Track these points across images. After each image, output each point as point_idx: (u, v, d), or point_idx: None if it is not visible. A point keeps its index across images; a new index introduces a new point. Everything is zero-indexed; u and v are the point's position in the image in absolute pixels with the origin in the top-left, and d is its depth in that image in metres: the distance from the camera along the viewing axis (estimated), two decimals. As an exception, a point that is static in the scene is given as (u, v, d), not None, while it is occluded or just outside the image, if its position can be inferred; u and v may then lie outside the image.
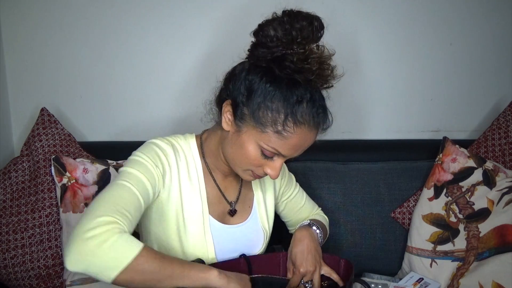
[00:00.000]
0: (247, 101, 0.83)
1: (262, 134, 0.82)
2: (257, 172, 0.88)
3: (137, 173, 0.83)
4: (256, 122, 0.82)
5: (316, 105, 0.84)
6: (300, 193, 1.17)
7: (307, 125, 0.82)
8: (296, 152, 0.86)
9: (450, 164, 1.39)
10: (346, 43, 1.53)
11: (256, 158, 0.85)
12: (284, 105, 0.81)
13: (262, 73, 0.83)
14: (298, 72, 0.81)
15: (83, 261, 0.70)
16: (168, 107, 1.53)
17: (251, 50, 0.85)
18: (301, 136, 0.83)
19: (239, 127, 0.85)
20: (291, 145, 0.83)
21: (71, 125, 1.50)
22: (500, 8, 1.53)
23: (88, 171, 1.30)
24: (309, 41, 0.80)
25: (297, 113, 0.81)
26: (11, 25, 1.44)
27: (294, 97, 0.81)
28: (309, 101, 0.82)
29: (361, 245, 1.41)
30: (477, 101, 1.61)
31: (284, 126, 0.81)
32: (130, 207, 0.78)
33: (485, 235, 1.29)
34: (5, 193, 1.29)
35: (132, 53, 1.48)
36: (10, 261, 1.23)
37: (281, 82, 0.81)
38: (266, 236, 1.04)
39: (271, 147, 0.83)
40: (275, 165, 0.87)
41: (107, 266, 0.70)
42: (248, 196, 1.03)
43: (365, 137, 1.61)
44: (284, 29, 0.79)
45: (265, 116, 0.81)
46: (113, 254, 0.71)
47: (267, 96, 0.81)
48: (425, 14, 1.52)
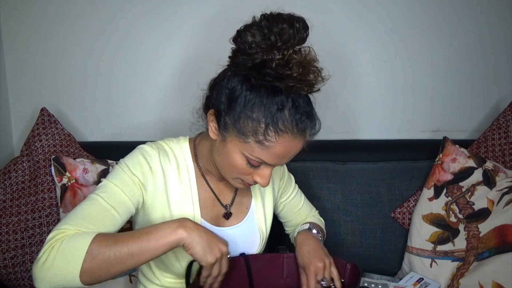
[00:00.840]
0: (229, 110, 0.81)
1: (245, 144, 0.80)
2: (246, 180, 0.87)
3: (112, 188, 0.84)
4: (238, 132, 0.80)
5: (299, 112, 0.80)
6: (298, 195, 1.17)
7: (290, 133, 0.79)
8: (282, 160, 0.84)
9: (450, 164, 1.39)
10: (346, 43, 1.53)
11: (243, 168, 0.84)
12: (265, 114, 0.78)
13: (242, 80, 0.80)
14: (279, 79, 0.77)
15: (46, 280, 0.72)
16: (168, 107, 1.53)
17: (231, 57, 0.83)
18: (285, 145, 0.80)
19: (224, 136, 0.83)
20: (275, 154, 0.81)
21: (71, 125, 1.50)
22: (500, 8, 1.53)
23: (88, 171, 1.30)
24: (291, 44, 0.76)
25: (278, 122, 0.78)
26: (11, 25, 1.44)
27: (275, 106, 0.78)
28: (291, 108, 0.79)
29: (361, 245, 1.41)
30: (477, 101, 1.61)
31: (265, 136, 0.78)
32: (93, 219, 0.79)
33: (485, 235, 1.29)
34: (5, 193, 1.29)
35: (132, 53, 1.48)
36: (10, 261, 1.23)
37: (261, 90, 0.78)
38: (263, 237, 1.02)
39: (255, 156, 0.81)
40: (263, 173, 0.85)
41: (66, 272, 0.72)
42: (245, 198, 1.02)
43: (365, 137, 1.61)
44: (262, 34, 0.75)
45: (246, 126, 0.79)
46: (64, 258, 0.72)
47: (247, 105, 0.79)
48: (425, 14, 1.52)
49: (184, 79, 1.51)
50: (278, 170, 1.10)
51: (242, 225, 0.99)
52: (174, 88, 1.52)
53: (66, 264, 0.72)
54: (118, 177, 0.86)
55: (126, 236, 0.76)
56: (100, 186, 0.85)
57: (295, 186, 1.16)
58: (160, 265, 0.94)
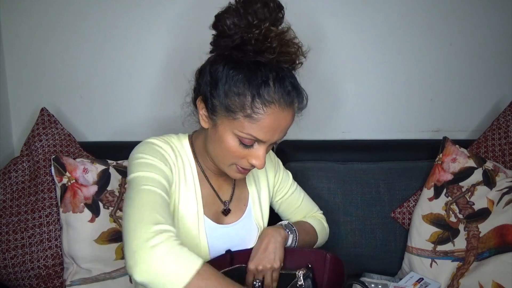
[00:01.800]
0: (215, 92, 0.82)
1: (235, 122, 0.81)
2: (241, 165, 0.87)
3: (153, 176, 0.83)
4: (226, 110, 0.81)
5: (284, 83, 0.81)
6: (297, 192, 1.16)
7: (277, 103, 0.80)
8: (274, 136, 0.83)
9: (450, 164, 1.39)
10: (346, 43, 1.53)
11: (237, 150, 0.84)
12: (250, 87, 0.79)
13: (224, 61, 0.82)
14: (259, 53, 0.80)
15: (151, 272, 0.70)
16: (168, 106, 1.53)
17: (213, 43, 0.86)
18: (273, 117, 0.80)
19: (214, 120, 0.84)
20: (265, 128, 0.81)
21: (71, 125, 1.50)
22: (500, 8, 1.53)
23: (88, 171, 1.30)
24: (268, 22, 0.79)
25: (264, 93, 0.79)
26: (11, 25, 1.44)
27: (259, 78, 0.79)
28: (275, 79, 0.80)
29: (361, 245, 1.41)
30: (477, 101, 1.62)
31: (253, 109, 0.79)
32: (166, 211, 0.79)
33: (485, 235, 1.29)
34: (5, 193, 1.29)
35: (132, 53, 1.48)
36: (10, 261, 1.23)
37: (244, 66, 0.81)
38: (260, 232, 1.03)
39: (245, 133, 0.81)
40: (258, 154, 0.85)
41: (170, 280, 0.71)
42: (242, 194, 1.03)
43: (365, 137, 1.61)
44: (239, 15, 0.79)
45: (233, 103, 0.80)
46: (176, 268, 0.71)
47: (231, 82, 0.80)
48: (425, 14, 1.52)
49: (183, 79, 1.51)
50: (272, 165, 1.10)
51: (241, 222, 1.00)
52: (174, 86, 1.52)
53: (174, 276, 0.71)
54: (153, 167, 0.84)
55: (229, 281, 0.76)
56: (130, 181, 0.83)
57: (292, 183, 1.15)
58: None
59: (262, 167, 0.86)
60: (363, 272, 1.38)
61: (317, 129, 1.61)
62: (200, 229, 0.92)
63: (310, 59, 1.03)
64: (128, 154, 0.90)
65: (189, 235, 0.91)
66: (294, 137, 1.59)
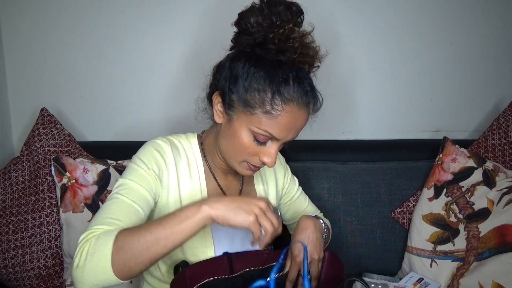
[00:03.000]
0: (234, 87, 0.84)
1: (252, 117, 0.82)
2: (252, 162, 0.87)
3: (131, 184, 0.85)
4: (244, 106, 0.82)
5: (303, 83, 0.83)
6: (303, 196, 1.18)
7: (296, 102, 0.82)
8: (288, 134, 0.84)
9: (450, 164, 1.39)
10: (346, 43, 1.53)
11: (250, 146, 0.85)
12: (271, 84, 0.81)
13: (245, 58, 0.84)
14: (281, 52, 0.83)
15: (85, 282, 0.73)
16: (169, 106, 1.53)
17: (235, 40, 0.88)
18: (291, 115, 0.82)
19: (230, 115, 0.85)
20: (282, 125, 0.82)
21: (71, 125, 1.50)
22: (500, 8, 1.53)
23: (88, 171, 1.30)
24: (289, 24, 0.82)
25: (284, 91, 0.81)
26: (11, 25, 1.44)
27: (280, 76, 0.81)
28: (295, 79, 0.82)
29: (361, 245, 1.41)
30: (477, 101, 1.61)
31: (272, 105, 0.81)
32: (120, 215, 0.80)
33: (485, 235, 1.29)
34: (5, 193, 1.29)
35: (132, 53, 1.48)
36: (10, 261, 1.23)
37: (265, 63, 0.82)
38: None
39: (262, 129, 0.82)
40: (270, 152, 0.85)
41: (99, 269, 0.72)
42: (250, 194, 1.03)
43: (365, 137, 1.61)
44: (263, 15, 0.81)
45: (253, 98, 0.82)
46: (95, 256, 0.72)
47: (252, 78, 0.82)
48: (425, 14, 1.52)
49: (185, 78, 1.51)
50: (282, 167, 1.11)
51: None
52: (174, 86, 1.52)
53: (97, 261, 0.72)
54: (134, 173, 0.87)
55: (149, 223, 0.75)
56: (118, 185, 0.86)
57: (298, 187, 1.17)
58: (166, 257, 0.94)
59: (273, 165, 0.87)
60: (363, 272, 1.38)
61: (317, 129, 1.60)
62: (205, 228, 0.92)
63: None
64: (128, 154, 0.91)
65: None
66: (294, 137, 1.59)
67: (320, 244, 0.96)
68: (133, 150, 0.93)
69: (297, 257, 0.92)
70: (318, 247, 0.95)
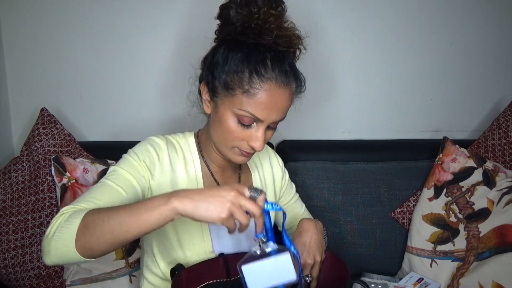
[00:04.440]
0: (216, 73, 0.86)
1: (234, 99, 0.84)
2: (242, 147, 0.88)
3: (120, 170, 0.87)
4: (226, 89, 0.84)
5: (282, 63, 0.84)
6: (299, 201, 1.18)
7: (275, 81, 0.82)
8: (271, 114, 0.84)
9: (450, 164, 1.39)
10: (346, 43, 1.53)
11: (236, 130, 0.86)
12: (248, 64, 0.83)
13: (225, 45, 0.87)
14: (259, 35, 0.84)
15: (50, 253, 0.73)
16: (169, 106, 1.53)
17: (218, 31, 0.90)
18: (270, 93, 0.82)
19: (215, 102, 0.88)
20: (262, 104, 0.82)
21: (71, 125, 1.50)
22: (500, 8, 1.53)
23: (88, 171, 1.30)
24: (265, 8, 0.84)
25: (261, 70, 0.82)
26: (11, 25, 1.44)
27: (257, 56, 0.83)
28: (273, 58, 0.83)
29: (361, 245, 1.41)
30: (477, 101, 1.62)
31: (250, 84, 0.82)
32: (102, 196, 0.81)
33: (485, 235, 1.29)
34: (5, 193, 1.29)
35: (132, 53, 1.48)
36: (10, 261, 1.23)
37: (243, 46, 0.85)
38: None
39: (243, 110, 0.83)
40: (257, 135, 0.86)
41: (64, 242, 0.72)
42: None
43: (365, 137, 1.61)
44: (241, 5, 0.84)
45: (232, 80, 0.83)
46: (63, 229, 0.73)
47: (230, 61, 0.84)
48: (425, 14, 1.52)
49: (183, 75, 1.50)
50: (279, 168, 1.12)
51: None
52: (173, 85, 1.52)
53: (63, 235, 0.72)
54: (125, 162, 0.89)
55: (119, 207, 0.73)
56: (108, 172, 0.88)
57: (295, 193, 1.18)
58: (164, 254, 0.94)
59: (261, 149, 0.87)
60: (363, 272, 1.38)
61: (317, 129, 1.61)
62: (203, 223, 0.92)
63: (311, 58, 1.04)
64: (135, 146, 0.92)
65: (193, 230, 0.92)
66: (294, 137, 1.59)
67: (322, 246, 0.97)
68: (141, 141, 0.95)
69: (300, 258, 0.92)
70: (320, 249, 0.96)
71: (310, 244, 0.94)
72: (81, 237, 0.71)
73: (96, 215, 0.72)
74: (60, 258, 0.73)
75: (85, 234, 0.71)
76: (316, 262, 0.94)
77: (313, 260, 0.94)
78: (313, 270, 0.94)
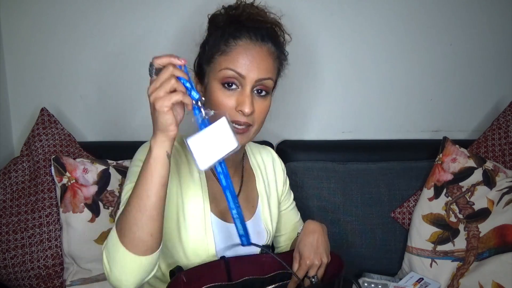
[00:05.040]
0: (201, 57, 0.91)
1: (215, 66, 0.86)
2: (235, 117, 0.86)
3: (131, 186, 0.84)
4: (207, 63, 0.88)
5: (259, 31, 0.87)
6: (295, 210, 1.17)
7: (250, 40, 0.86)
8: (251, 70, 0.85)
9: (450, 164, 1.39)
10: (346, 43, 1.53)
11: (223, 96, 0.85)
12: (223, 34, 0.87)
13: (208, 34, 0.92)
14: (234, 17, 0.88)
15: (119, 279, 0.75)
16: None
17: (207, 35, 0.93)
18: (246, 48, 0.85)
19: (204, 82, 0.90)
20: (240, 58, 0.84)
21: (71, 125, 1.50)
22: (500, 8, 1.53)
23: (88, 171, 1.30)
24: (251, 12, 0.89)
25: (236, 33, 0.86)
26: (11, 25, 1.44)
27: (232, 28, 0.87)
28: (249, 28, 0.86)
29: (361, 245, 1.41)
30: (477, 101, 1.62)
31: (226, 43, 0.86)
32: None
33: (485, 235, 1.29)
34: (5, 193, 1.29)
35: (132, 53, 1.48)
36: (10, 261, 1.23)
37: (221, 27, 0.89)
38: (270, 236, 1.03)
39: (223, 68, 0.85)
40: (243, 98, 0.85)
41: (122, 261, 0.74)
42: (251, 195, 1.03)
43: (365, 137, 1.61)
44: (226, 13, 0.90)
45: (211, 50, 0.87)
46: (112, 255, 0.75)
47: (209, 38, 0.90)
48: (425, 14, 1.52)
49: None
50: (282, 175, 1.12)
51: (250, 223, 1.00)
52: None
53: (114, 255, 0.74)
54: (133, 175, 0.87)
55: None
56: (123, 194, 0.87)
57: (293, 201, 1.17)
58: (166, 255, 0.94)
59: (250, 110, 0.85)
60: (363, 272, 1.38)
61: (317, 129, 1.61)
62: (206, 226, 0.92)
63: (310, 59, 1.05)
64: (128, 154, 0.91)
65: (196, 232, 0.92)
66: (294, 137, 1.59)
67: (329, 247, 0.97)
68: (133, 150, 0.93)
69: (307, 259, 0.92)
70: (327, 250, 0.96)
71: (318, 245, 0.94)
72: (125, 239, 0.73)
73: (119, 216, 0.76)
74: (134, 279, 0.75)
75: (124, 234, 0.73)
76: (323, 263, 0.94)
77: (320, 261, 0.93)
78: (319, 271, 0.94)
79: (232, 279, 0.92)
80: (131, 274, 0.74)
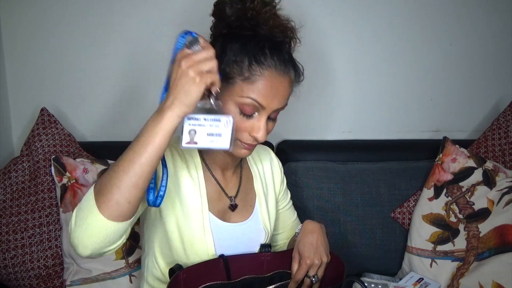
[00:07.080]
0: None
1: (234, 88, 0.83)
2: (244, 139, 0.87)
3: None
4: (226, 81, 0.84)
5: (280, 52, 0.85)
6: (292, 209, 1.18)
7: (274, 69, 0.83)
8: (273, 101, 0.84)
9: (450, 164, 1.39)
10: (346, 43, 1.53)
11: (238, 121, 0.85)
12: (247, 53, 0.83)
13: (222, 38, 0.87)
14: (254, 26, 0.84)
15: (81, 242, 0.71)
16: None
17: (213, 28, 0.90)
18: (271, 80, 0.83)
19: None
20: (263, 90, 0.82)
21: (71, 125, 1.50)
22: (500, 8, 1.53)
23: (88, 171, 1.30)
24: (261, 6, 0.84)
25: (260, 58, 0.83)
26: (11, 25, 1.44)
27: (255, 45, 0.83)
28: (271, 48, 0.84)
29: (361, 245, 1.41)
30: (477, 101, 1.62)
31: (250, 71, 0.82)
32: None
33: (485, 235, 1.29)
34: (5, 193, 1.29)
35: (132, 53, 1.48)
36: (10, 261, 1.23)
37: (240, 37, 0.85)
38: (268, 236, 1.03)
39: (245, 96, 0.83)
40: (259, 125, 0.85)
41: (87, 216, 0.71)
42: (249, 195, 1.03)
43: (365, 137, 1.61)
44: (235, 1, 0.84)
45: (232, 70, 0.83)
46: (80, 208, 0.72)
47: (229, 52, 0.84)
48: (425, 14, 1.52)
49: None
50: (279, 174, 1.12)
51: (248, 223, 1.00)
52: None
53: (85, 214, 0.71)
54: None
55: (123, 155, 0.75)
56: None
57: (290, 200, 1.17)
58: (166, 254, 0.95)
59: (263, 139, 0.86)
60: (363, 272, 1.38)
61: (317, 129, 1.61)
62: (205, 225, 0.93)
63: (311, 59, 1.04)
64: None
65: (195, 231, 0.92)
66: (294, 137, 1.59)
67: (328, 247, 0.97)
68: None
69: (307, 258, 0.93)
70: (327, 250, 0.96)
71: (317, 244, 0.95)
72: (99, 194, 0.70)
73: (102, 176, 0.72)
74: (95, 240, 0.71)
75: (102, 189, 0.70)
76: (323, 263, 0.94)
77: (320, 260, 0.94)
78: (319, 271, 0.95)
79: (231, 278, 0.92)
80: (93, 236, 0.71)
